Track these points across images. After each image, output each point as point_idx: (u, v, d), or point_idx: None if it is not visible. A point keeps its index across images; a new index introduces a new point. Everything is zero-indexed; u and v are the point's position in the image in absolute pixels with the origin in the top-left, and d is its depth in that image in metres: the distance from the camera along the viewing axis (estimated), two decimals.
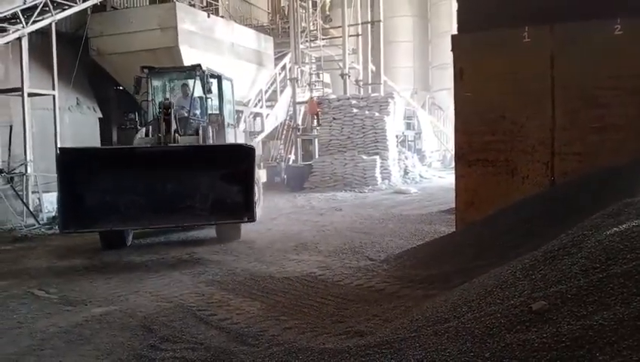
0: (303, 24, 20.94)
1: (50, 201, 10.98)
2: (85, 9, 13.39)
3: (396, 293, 5.01)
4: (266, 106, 20.28)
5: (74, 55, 13.40)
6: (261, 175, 11.98)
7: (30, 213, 10.44)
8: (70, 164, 6.53)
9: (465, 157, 6.40)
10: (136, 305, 5.07)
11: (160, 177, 6.85)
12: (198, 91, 9.20)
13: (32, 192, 11.01)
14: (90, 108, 15.08)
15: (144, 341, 4.07)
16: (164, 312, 4.78)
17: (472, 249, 5.43)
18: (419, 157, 22.21)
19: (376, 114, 17.20)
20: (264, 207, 10.74)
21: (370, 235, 8.26)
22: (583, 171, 5.66)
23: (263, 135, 20.04)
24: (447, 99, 26.08)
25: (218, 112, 9.39)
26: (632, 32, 5.48)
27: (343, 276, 5.80)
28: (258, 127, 20.07)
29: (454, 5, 6.89)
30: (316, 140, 18.70)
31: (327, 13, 24.39)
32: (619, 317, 2.32)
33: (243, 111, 18.35)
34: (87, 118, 14.89)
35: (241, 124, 17.81)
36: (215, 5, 18.69)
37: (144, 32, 14.26)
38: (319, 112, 18.00)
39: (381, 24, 21.21)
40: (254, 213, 6.78)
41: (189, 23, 14.67)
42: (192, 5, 16.72)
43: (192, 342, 4.00)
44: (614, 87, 5.60)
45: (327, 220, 10.37)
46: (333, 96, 19.20)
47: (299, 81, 20.09)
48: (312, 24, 21.81)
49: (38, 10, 11.52)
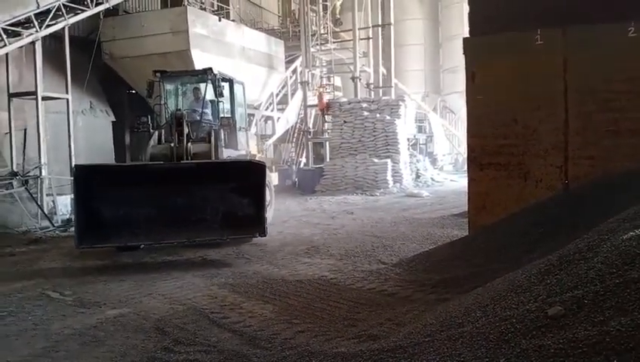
0: (313, 27, 20.97)
1: (65, 204, 11.09)
2: (98, 13, 13.48)
3: (409, 297, 4.99)
4: (277, 110, 20.35)
5: (87, 59, 13.55)
6: (272, 178, 12.05)
7: (45, 215, 10.53)
8: (85, 180, 6.67)
9: (477, 161, 6.38)
10: (150, 307, 5.10)
11: (173, 193, 7.07)
12: (209, 95, 9.29)
13: (47, 195, 11.11)
14: (103, 111, 15.22)
15: (158, 343, 4.09)
16: (177, 315, 4.80)
17: (485, 253, 5.41)
18: (430, 161, 22.16)
19: (388, 117, 17.18)
20: (275, 210, 10.76)
21: (382, 239, 8.25)
22: (596, 175, 5.62)
23: (274, 138, 20.11)
24: (458, 102, 26.05)
25: (230, 116, 9.49)
26: None
27: (355, 279, 5.80)
28: (269, 130, 20.14)
29: (465, 8, 6.89)
30: (327, 143, 18.73)
31: (338, 16, 24.38)
32: (636, 323, 2.29)
33: (254, 115, 18.41)
34: (100, 121, 15.04)
35: (253, 127, 17.88)
36: (226, 9, 18.78)
37: (156, 36, 14.36)
38: (328, 107, 18.02)
39: (392, 27, 21.22)
40: (265, 228, 6.97)
41: (200, 26, 14.76)
42: (203, 9, 16.83)
43: (205, 345, 4.01)
44: (628, 90, 5.56)
45: (339, 223, 10.37)
46: (344, 100, 19.21)
47: (309, 85, 20.12)
48: (323, 27, 21.83)
49: (51, 15, 11.62)
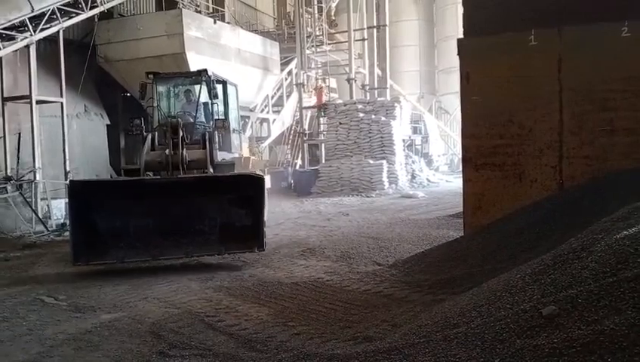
0: (308, 29, 21.00)
1: (59, 208, 11.04)
2: (92, 16, 13.47)
3: (405, 298, 4.99)
4: (273, 111, 20.35)
5: (82, 62, 13.51)
6: (266, 181, 12.04)
7: (39, 219, 10.48)
8: (81, 196, 6.59)
9: (472, 161, 6.39)
10: (145, 311, 5.08)
11: (170, 207, 7.00)
12: (203, 97, 9.24)
13: (41, 199, 11.07)
14: (98, 114, 15.19)
15: (153, 347, 4.07)
16: (172, 318, 4.78)
17: (481, 253, 5.41)
18: (426, 162, 22.18)
19: (383, 118, 17.19)
20: (271, 212, 10.73)
21: (378, 240, 8.23)
22: (591, 175, 5.63)
23: (269, 140, 20.09)
24: (454, 102, 26.12)
25: (224, 118, 9.43)
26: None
27: (350, 281, 5.79)
28: (265, 132, 20.13)
29: (460, 9, 6.89)
30: (323, 145, 18.72)
31: (333, 18, 24.41)
32: (630, 322, 2.30)
33: (250, 117, 18.41)
34: (95, 124, 15.01)
35: (248, 129, 17.89)
36: (221, 11, 18.77)
37: (151, 39, 14.37)
38: (326, 105, 18.08)
39: (387, 28, 21.29)
40: (264, 242, 6.92)
41: (195, 29, 14.76)
42: (199, 12, 16.83)
43: (200, 349, 4.00)
44: (623, 89, 5.58)
45: (335, 225, 10.36)
46: (339, 101, 19.22)
47: (305, 86, 20.13)
48: (318, 29, 21.86)
49: (45, 18, 11.60)
